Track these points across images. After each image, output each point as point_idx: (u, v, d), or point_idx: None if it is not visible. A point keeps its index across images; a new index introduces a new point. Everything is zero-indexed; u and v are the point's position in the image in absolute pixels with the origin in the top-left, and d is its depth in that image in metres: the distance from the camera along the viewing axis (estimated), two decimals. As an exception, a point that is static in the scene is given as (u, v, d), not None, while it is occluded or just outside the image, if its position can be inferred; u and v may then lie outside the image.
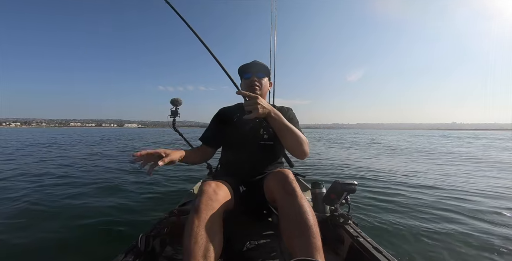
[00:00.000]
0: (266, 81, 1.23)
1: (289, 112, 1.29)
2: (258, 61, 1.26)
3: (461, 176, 4.31)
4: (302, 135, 1.07)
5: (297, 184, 0.91)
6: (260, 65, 1.23)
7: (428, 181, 3.78)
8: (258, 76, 1.20)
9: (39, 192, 3.06)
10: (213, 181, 0.97)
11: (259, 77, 1.20)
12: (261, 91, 1.20)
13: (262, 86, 1.20)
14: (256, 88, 1.18)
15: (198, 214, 0.78)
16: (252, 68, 1.21)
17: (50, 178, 3.87)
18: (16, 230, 1.97)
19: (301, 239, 0.75)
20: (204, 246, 0.71)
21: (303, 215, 0.79)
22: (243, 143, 1.20)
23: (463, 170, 5.09)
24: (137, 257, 0.88)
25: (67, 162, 5.79)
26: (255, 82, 1.18)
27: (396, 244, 1.75)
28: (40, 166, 5.10)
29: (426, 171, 4.88)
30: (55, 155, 7.17)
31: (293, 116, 1.27)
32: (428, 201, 2.72)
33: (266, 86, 1.24)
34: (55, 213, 2.34)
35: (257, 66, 1.22)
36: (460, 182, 3.80)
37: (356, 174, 4.37)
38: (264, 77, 1.22)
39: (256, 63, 1.24)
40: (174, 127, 1.83)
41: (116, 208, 2.47)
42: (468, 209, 2.44)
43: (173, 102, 1.70)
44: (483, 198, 2.85)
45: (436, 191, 3.20)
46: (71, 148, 9.89)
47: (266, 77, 1.24)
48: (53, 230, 1.97)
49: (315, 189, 1.29)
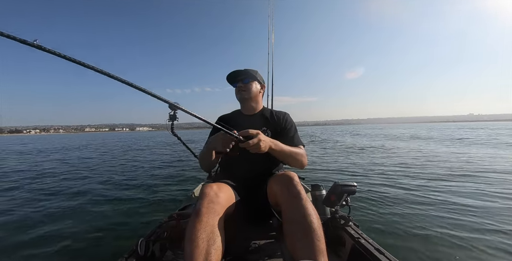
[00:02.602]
0: (255, 84, 1.26)
1: (287, 121, 1.28)
2: (240, 69, 1.29)
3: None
4: (300, 151, 1.13)
5: (302, 186, 0.91)
6: (243, 72, 1.26)
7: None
8: (244, 82, 1.24)
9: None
10: (215, 183, 0.96)
11: (245, 83, 1.24)
12: (250, 95, 1.25)
13: (251, 90, 1.24)
14: (242, 93, 1.24)
15: (199, 218, 0.78)
16: (236, 76, 1.26)
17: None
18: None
19: (305, 241, 0.75)
20: (205, 250, 0.71)
21: (308, 218, 0.79)
22: (241, 149, 1.22)
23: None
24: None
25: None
26: (242, 87, 1.24)
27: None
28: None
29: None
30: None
31: (290, 125, 1.26)
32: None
33: (256, 89, 1.27)
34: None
35: (240, 73, 1.26)
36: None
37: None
38: (251, 81, 1.25)
39: (238, 71, 1.27)
40: (173, 131, 1.84)
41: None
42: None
43: (171, 106, 1.72)
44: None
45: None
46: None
47: (254, 81, 1.27)
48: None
49: (315, 191, 1.30)
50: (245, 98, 1.25)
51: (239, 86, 1.24)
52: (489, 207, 2.43)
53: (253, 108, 1.28)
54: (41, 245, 1.89)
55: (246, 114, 1.30)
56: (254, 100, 1.28)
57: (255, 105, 1.29)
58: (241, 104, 1.31)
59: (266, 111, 1.31)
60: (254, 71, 1.29)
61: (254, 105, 1.28)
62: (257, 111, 1.30)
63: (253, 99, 1.27)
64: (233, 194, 1.01)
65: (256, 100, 1.29)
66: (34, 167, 6.35)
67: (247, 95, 1.24)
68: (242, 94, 1.24)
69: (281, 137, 1.16)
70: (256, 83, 1.27)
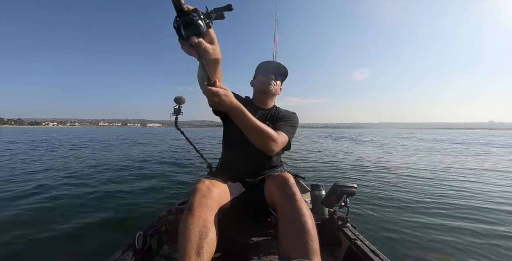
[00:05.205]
0: (279, 84, 1.24)
1: (289, 115, 1.25)
2: (283, 65, 1.24)
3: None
4: (271, 132, 0.96)
5: (297, 188, 0.93)
6: (282, 67, 1.22)
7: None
8: (277, 77, 1.21)
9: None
10: (208, 179, 0.97)
11: (276, 78, 1.20)
12: (274, 90, 1.21)
13: (277, 87, 1.21)
14: (271, 84, 1.18)
15: (192, 212, 0.79)
16: (274, 67, 1.20)
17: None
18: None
19: (298, 242, 0.76)
20: (197, 243, 0.72)
21: (302, 218, 0.80)
22: (244, 143, 1.21)
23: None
24: (133, 256, 0.89)
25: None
26: (272, 80, 1.18)
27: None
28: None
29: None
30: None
31: (287, 118, 1.21)
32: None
33: (278, 90, 1.25)
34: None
35: (278, 67, 1.22)
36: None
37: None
38: (280, 79, 1.24)
39: (279, 64, 1.24)
40: (176, 125, 1.81)
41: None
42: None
43: (176, 100, 1.68)
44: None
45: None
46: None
47: (281, 81, 1.25)
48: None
49: (314, 191, 1.30)
50: (271, 92, 1.20)
51: (270, 77, 1.18)
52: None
53: (268, 103, 1.26)
54: (41, 236, 1.89)
55: (258, 106, 1.25)
56: (273, 97, 1.26)
57: (270, 102, 1.27)
58: (258, 95, 1.25)
59: (276, 109, 1.29)
60: (287, 71, 1.25)
61: (270, 101, 1.26)
62: (269, 107, 1.28)
63: (273, 96, 1.25)
64: (228, 189, 1.01)
65: (274, 98, 1.28)
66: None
67: (274, 91, 1.20)
68: (271, 87, 1.18)
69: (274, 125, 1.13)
70: (280, 84, 1.26)
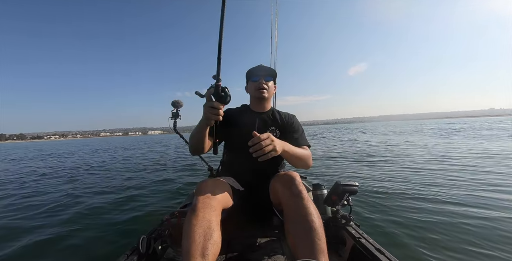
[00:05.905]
0: (272, 84, 1.26)
1: (294, 122, 1.29)
2: (265, 65, 1.28)
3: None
4: (307, 153, 1.10)
5: (304, 186, 0.92)
6: (268, 69, 1.25)
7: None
8: (266, 79, 1.22)
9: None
10: (210, 179, 0.97)
11: (266, 80, 1.22)
12: (268, 94, 1.23)
13: (269, 89, 1.23)
14: (263, 91, 1.20)
15: (196, 213, 0.79)
16: (261, 71, 1.23)
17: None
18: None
19: (306, 241, 0.76)
20: (202, 245, 0.71)
21: (309, 217, 0.80)
22: (246, 144, 1.21)
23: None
24: (138, 260, 0.90)
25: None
26: (263, 85, 1.20)
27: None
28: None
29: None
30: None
31: (297, 126, 1.27)
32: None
33: (272, 90, 1.27)
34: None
35: (265, 70, 1.24)
36: None
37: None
38: (271, 80, 1.25)
39: (264, 66, 1.26)
40: (175, 129, 1.82)
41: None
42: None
43: (174, 104, 1.68)
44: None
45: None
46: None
47: (272, 81, 1.27)
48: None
49: (316, 191, 1.30)
50: (265, 97, 1.22)
51: (260, 82, 1.21)
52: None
53: (264, 106, 1.28)
54: (43, 241, 1.90)
55: (256, 111, 1.28)
56: (268, 99, 1.28)
57: (266, 104, 1.28)
58: (254, 101, 1.28)
59: (274, 111, 1.31)
60: (274, 71, 1.28)
61: (266, 104, 1.28)
62: (266, 110, 1.29)
63: (269, 98, 1.27)
64: (230, 190, 1.02)
65: (269, 99, 1.29)
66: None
67: (267, 94, 1.22)
68: (263, 92, 1.21)
69: (288, 137, 1.15)
70: (272, 84, 1.27)
